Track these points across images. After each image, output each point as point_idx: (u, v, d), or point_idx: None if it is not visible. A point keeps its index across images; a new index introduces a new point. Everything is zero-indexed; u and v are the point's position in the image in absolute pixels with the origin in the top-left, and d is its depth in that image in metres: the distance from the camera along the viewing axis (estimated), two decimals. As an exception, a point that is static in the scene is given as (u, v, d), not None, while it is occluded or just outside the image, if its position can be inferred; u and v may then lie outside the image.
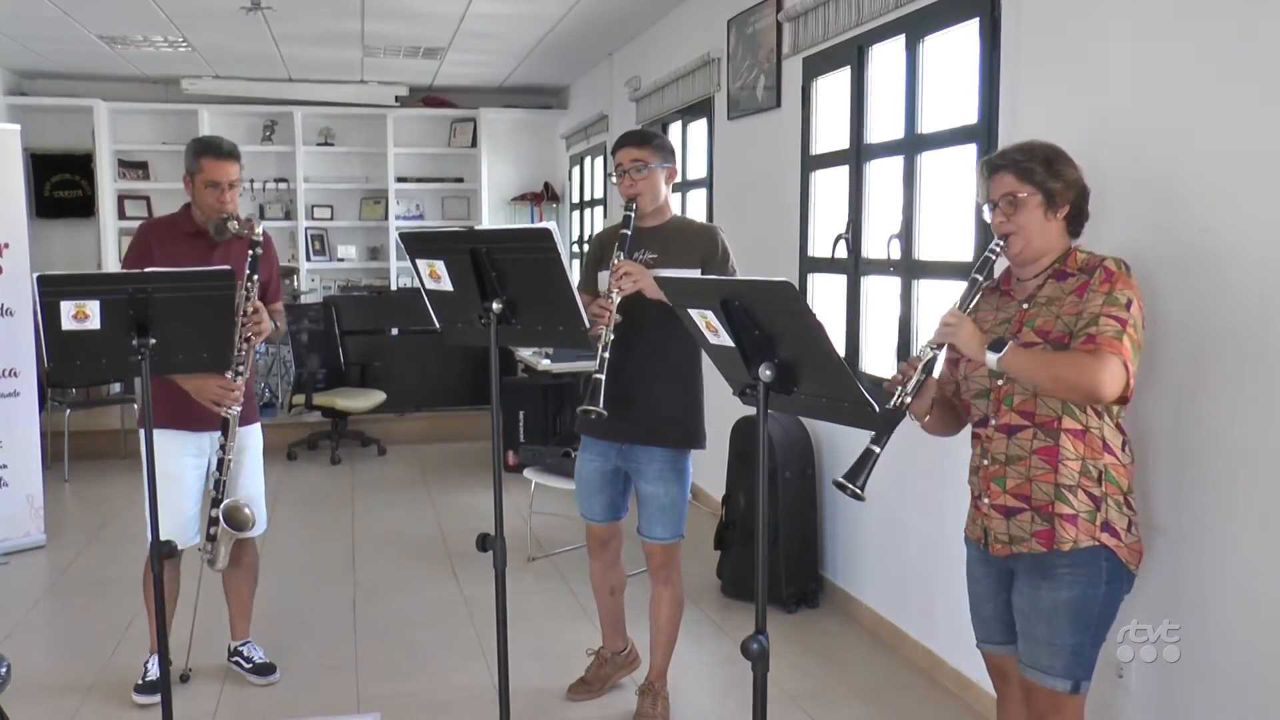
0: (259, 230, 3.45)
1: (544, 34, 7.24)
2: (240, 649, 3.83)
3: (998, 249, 2.40)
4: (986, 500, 2.43)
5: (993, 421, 2.41)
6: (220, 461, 3.47)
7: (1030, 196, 2.35)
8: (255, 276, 3.39)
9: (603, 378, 3.06)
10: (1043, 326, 2.34)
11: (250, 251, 3.41)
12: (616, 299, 3.07)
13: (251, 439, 3.68)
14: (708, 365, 2.83)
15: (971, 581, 2.58)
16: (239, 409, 3.43)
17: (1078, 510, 2.30)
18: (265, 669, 3.79)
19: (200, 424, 3.46)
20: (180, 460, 3.50)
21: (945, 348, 2.38)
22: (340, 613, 4.50)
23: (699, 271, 3.18)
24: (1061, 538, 2.30)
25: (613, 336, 3.07)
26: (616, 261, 3.14)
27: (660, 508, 3.33)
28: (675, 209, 3.61)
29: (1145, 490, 2.65)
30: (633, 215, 3.22)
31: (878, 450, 2.32)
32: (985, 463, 2.44)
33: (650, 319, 3.12)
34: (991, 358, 2.27)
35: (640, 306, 3.10)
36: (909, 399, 2.36)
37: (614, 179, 3.33)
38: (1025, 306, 2.40)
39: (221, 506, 3.47)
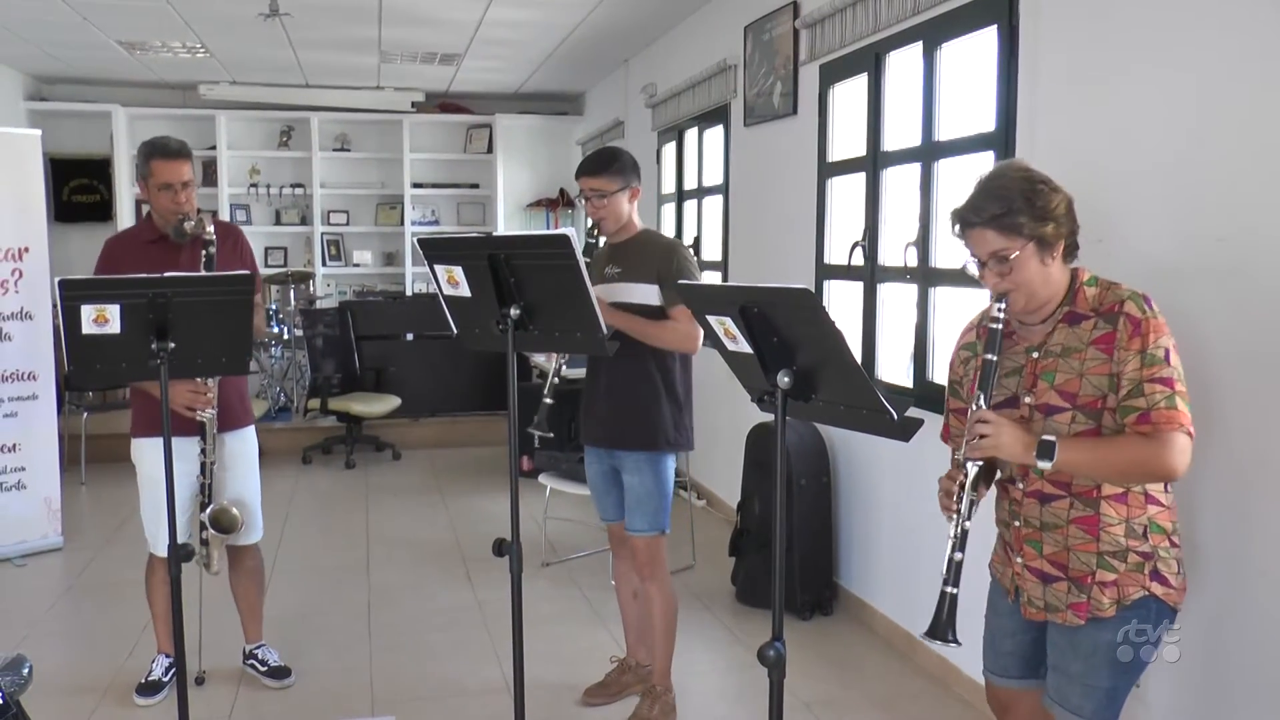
0: (210, 229, 3.41)
1: (560, 40, 7.26)
2: (255, 651, 3.85)
3: (1000, 314, 2.15)
4: (1020, 560, 2.28)
5: (1020, 485, 2.25)
6: (203, 466, 3.45)
7: (1023, 250, 2.09)
8: None
9: (550, 403, 3.35)
10: (1065, 387, 2.13)
11: (204, 252, 3.38)
12: None
13: (244, 444, 3.67)
14: (711, 375, 2.83)
15: (993, 615, 2.43)
16: (213, 412, 3.41)
17: (1122, 571, 2.14)
18: (280, 672, 3.80)
19: (188, 430, 3.42)
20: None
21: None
22: (355, 616, 4.51)
23: (656, 287, 3.24)
24: (1100, 604, 2.15)
25: (562, 365, 3.41)
26: None
27: (638, 498, 3.37)
28: (651, 221, 3.67)
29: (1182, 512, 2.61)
30: (595, 242, 3.24)
31: (954, 591, 2.14)
32: (1017, 524, 2.27)
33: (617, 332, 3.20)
34: (1044, 465, 2.06)
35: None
36: (968, 523, 2.16)
37: (580, 202, 3.42)
38: (1035, 356, 2.19)
39: (207, 511, 3.47)
